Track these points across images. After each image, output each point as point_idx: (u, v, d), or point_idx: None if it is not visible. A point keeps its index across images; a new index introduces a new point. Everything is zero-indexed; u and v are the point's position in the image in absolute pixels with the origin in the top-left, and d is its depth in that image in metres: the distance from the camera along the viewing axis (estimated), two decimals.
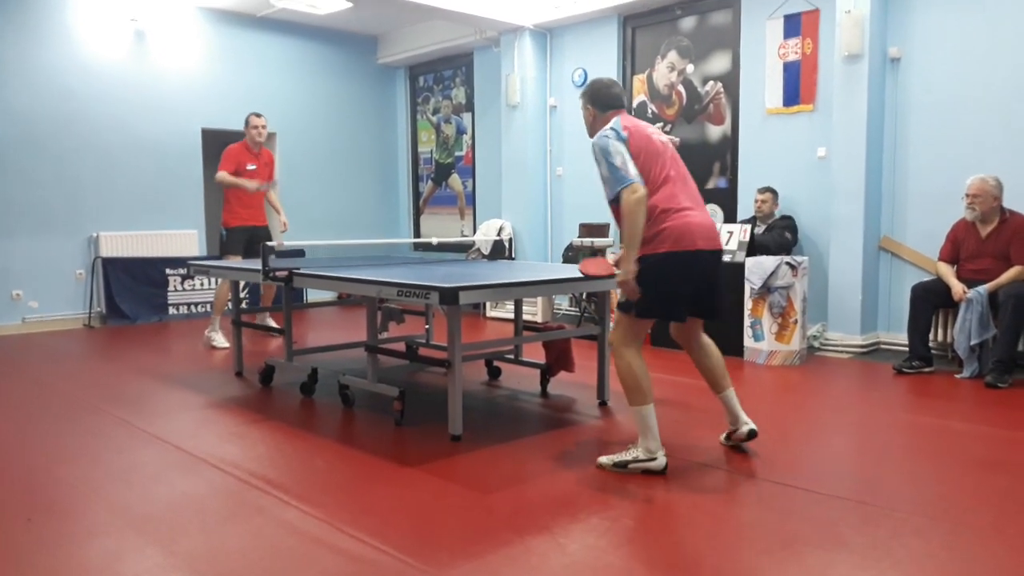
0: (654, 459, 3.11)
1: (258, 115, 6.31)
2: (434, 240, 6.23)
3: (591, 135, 3.28)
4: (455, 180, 9.45)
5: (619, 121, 3.17)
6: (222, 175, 6.13)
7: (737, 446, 3.47)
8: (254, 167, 6.27)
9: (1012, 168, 5.11)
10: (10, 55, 7.01)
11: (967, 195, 4.96)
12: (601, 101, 3.28)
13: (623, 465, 3.14)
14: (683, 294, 3.14)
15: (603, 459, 3.21)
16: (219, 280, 6.65)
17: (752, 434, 3.38)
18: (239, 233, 6.22)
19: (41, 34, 7.16)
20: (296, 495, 2.94)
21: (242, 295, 6.01)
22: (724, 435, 3.52)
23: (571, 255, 7.29)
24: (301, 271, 4.23)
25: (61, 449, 3.57)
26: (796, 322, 5.41)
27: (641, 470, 3.11)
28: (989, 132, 5.28)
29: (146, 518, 2.74)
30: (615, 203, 3.09)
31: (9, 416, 4.18)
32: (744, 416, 3.40)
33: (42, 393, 4.71)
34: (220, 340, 6.18)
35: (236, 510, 2.82)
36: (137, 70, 7.74)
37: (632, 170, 3.03)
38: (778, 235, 5.87)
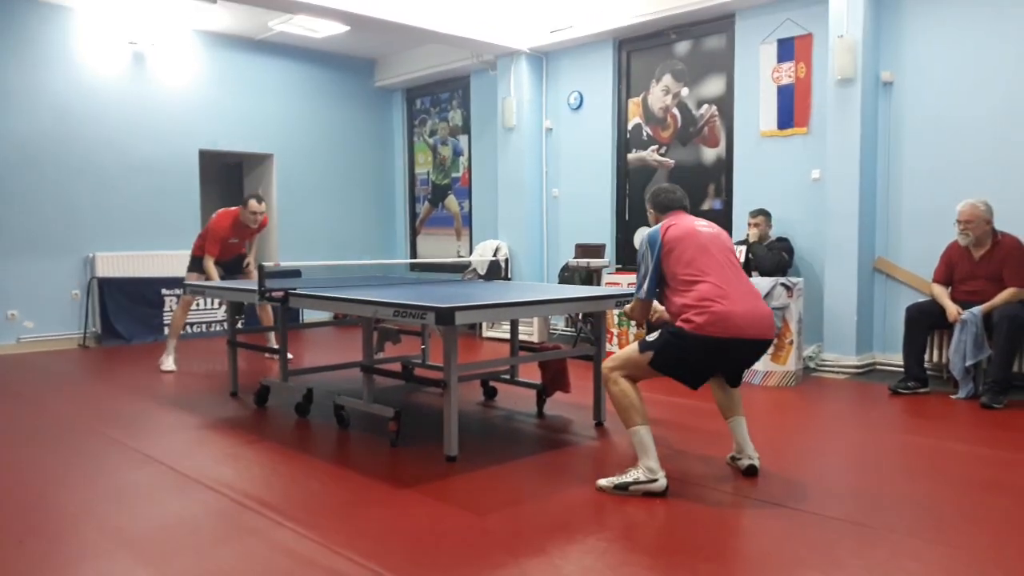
0: (655, 480, 3.09)
1: (259, 202, 6.13)
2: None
3: None
4: (451, 201, 9.48)
5: (661, 224, 3.31)
6: (208, 265, 6.05)
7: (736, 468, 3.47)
8: (236, 240, 6.22)
9: (1004, 190, 5.15)
10: (10, 77, 7.04)
11: (959, 221, 4.99)
12: (660, 205, 3.46)
13: (624, 487, 3.11)
14: (699, 370, 3.22)
15: (602, 481, 3.18)
16: (178, 304, 6.61)
17: (751, 470, 3.37)
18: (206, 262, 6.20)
19: (40, 56, 7.21)
20: (290, 516, 2.92)
21: (237, 316, 5.97)
22: (730, 456, 3.54)
23: (567, 275, 7.31)
24: (297, 291, 4.23)
25: (54, 470, 3.54)
26: (792, 343, 5.42)
27: (642, 492, 3.09)
28: (981, 154, 5.33)
29: (139, 539, 2.72)
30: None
31: (2, 436, 4.16)
32: (750, 449, 3.42)
33: (36, 413, 4.68)
34: (169, 364, 6.09)
35: (230, 531, 2.80)
36: (135, 92, 7.78)
37: (644, 287, 3.23)
38: (776, 255, 5.90)
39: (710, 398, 3.53)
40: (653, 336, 3.20)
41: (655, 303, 3.34)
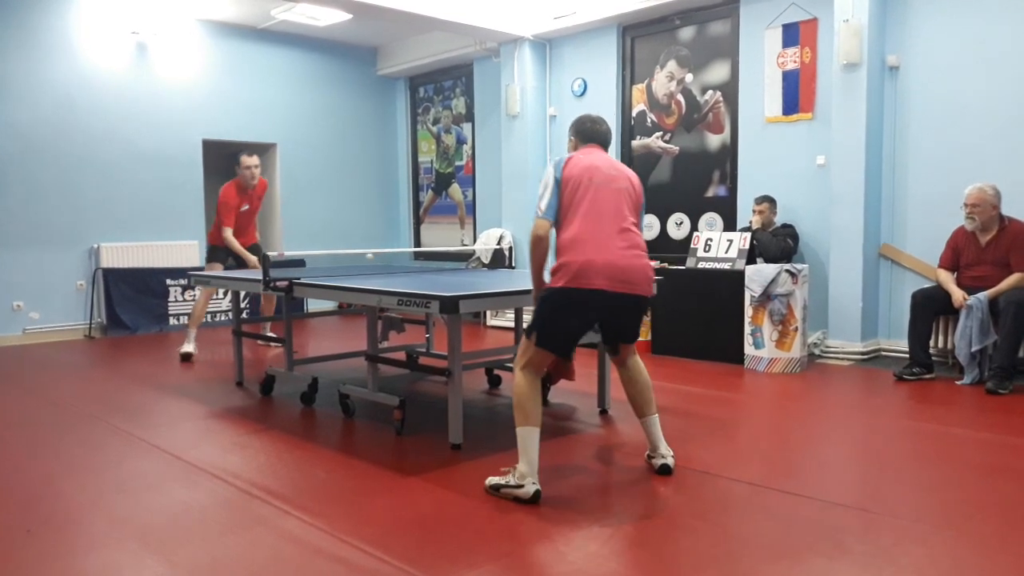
0: (522, 486, 2.91)
1: (250, 155, 6.23)
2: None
3: None
4: (455, 190, 9.47)
5: (569, 155, 3.21)
6: (230, 240, 6.17)
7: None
8: (247, 207, 6.31)
9: (1011, 175, 5.12)
10: (12, 68, 7.04)
11: (966, 205, 4.97)
12: (584, 134, 3.31)
13: (496, 489, 2.98)
14: (568, 330, 3.09)
15: (489, 479, 3.05)
16: (199, 292, 6.66)
17: (664, 469, 3.21)
18: (223, 252, 6.27)
19: (43, 47, 7.19)
20: (297, 505, 2.93)
21: (243, 305, 6.01)
22: (647, 454, 3.38)
23: None
24: (301, 281, 4.23)
25: (61, 460, 3.56)
26: (796, 329, 5.41)
27: (512, 497, 2.93)
28: (988, 139, 5.30)
29: (146, 529, 2.74)
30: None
31: (9, 427, 4.18)
32: (664, 447, 3.26)
33: (42, 404, 4.71)
34: (187, 348, 6.18)
35: (237, 520, 2.81)
36: (138, 82, 7.77)
37: (543, 203, 3.08)
38: (781, 241, 5.88)
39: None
40: (530, 319, 3.13)
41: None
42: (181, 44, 8.05)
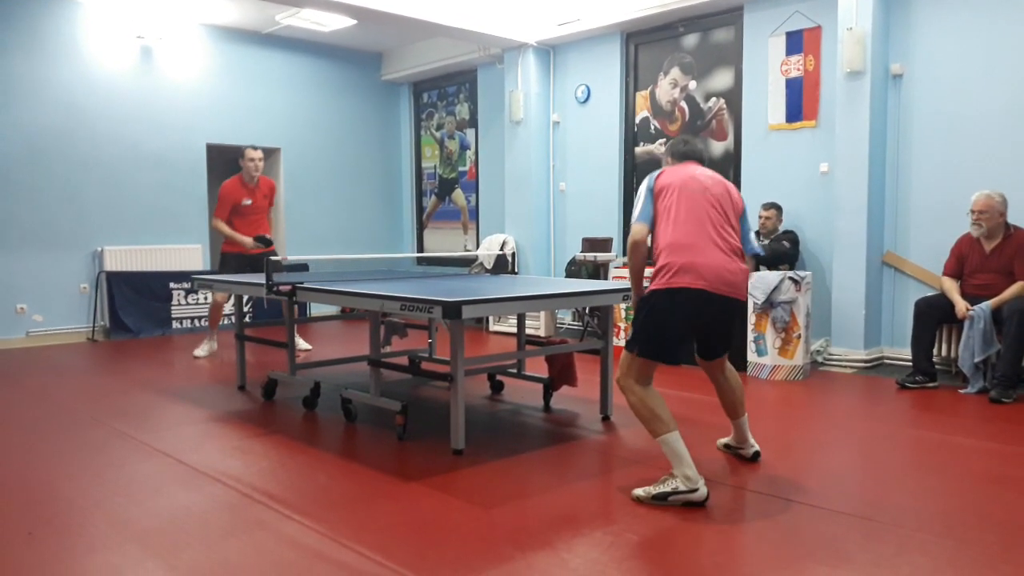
0: (695, 489, 2.90)
1: (254, 148, 6.27)
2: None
3: None
4: (459, 195, 9.48)
5: (663, 168, 3.31)
6: (218, 224, 6.19)
7: (740, 457, 3.53)
8: (250, 202, 6.27)
9: (1015, 183, 5.11)
10: (17, 71, 7.07)
11: (973, 211, 4.96)
12: (679, 155, 3.42)
13: (663, 498, 2.92)
14: (672, 333, 3.09)
15: (639, 491, 2.99)
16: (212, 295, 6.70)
17: (756, 456, 3.48)
18: (236, 259, 6.26)
19: (48, 51, 7.22)
20: (298, 509, 2.93)
21: (245, 309, 6.01)
22: (724, 442, 3.62)
23: (574, 269, 7.30)
24: (304, 285, 4.24)
25: (63, 463, 3.56)
26: (799, 337, 5.40)
27: (682, 502, 2.91)
28: (991, 147, 5.29)
29: (147, 532, 2.73)
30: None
31: (12, 429, 4.18)
32: (751, 439, 3.51)
33: (45, 407, 4.71)
34: (200, 351, 6.27)
35: (238, 524, 2.81)
36: (143, 86, 7.80)
37: (637, 211, 3.19)
38: (775, 243, 5.87)
39: (710, 389, 3.52)
40: (629, 332, 3.19)
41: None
42: (186, 49, 8.08)
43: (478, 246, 8.79)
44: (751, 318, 5.55)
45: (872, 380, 5.39)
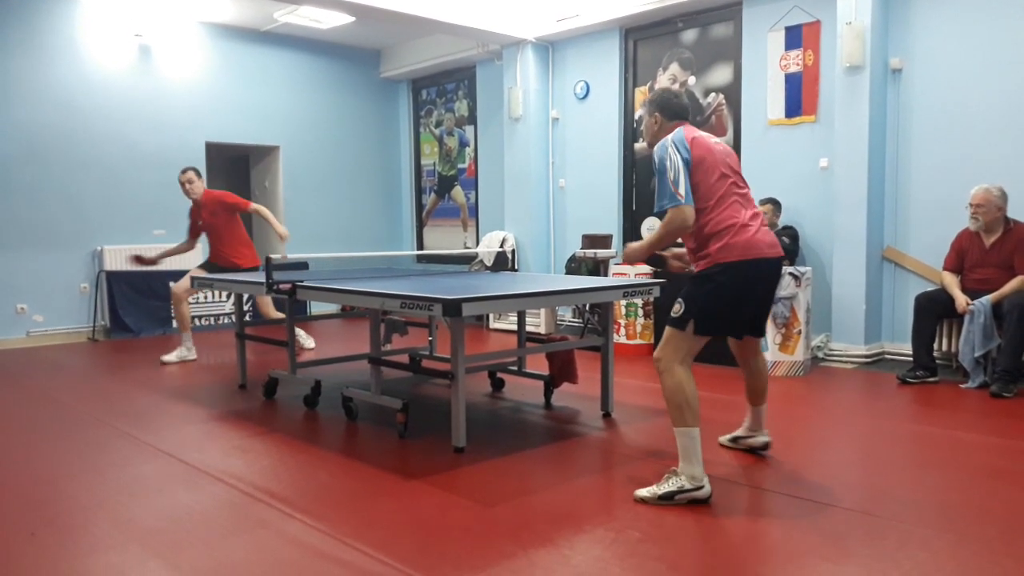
0: (701, 487, 2.89)
1: (183, 171, 6.16)
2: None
3: (651, 144, 3.21)
4: (458, 192, 9.47)
5: (682, 132, 3.08)
6: (180, 246, 6.36)
7: (748, 450, 3.56)
8: (203, 221, 6.20)
9: (1015, 178, 5.10)
10: (15, 70, 7.06)
11: (971, 205, 4.96)
12: (669, 110, 3.20)
13: (669, 497, 2.89)
14: (741, 308, 3.10)
15: (642, 492, 2.96)
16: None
17: (766, 445, 3.53)
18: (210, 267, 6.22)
19: (47, 50, 7.21)
20: (300, 508, 2.93)
21: (245, 307, 6.01)
22: (730, 437, 3.62)
23: (574, 266, 7.30)
24: (304, 283, 4.24)
25: (65, 463, 3.56)
26: (800, 333, 5.40)
27: (688, 500, 2.88)
28: (991, 142, 5.29)
29: (150, 532, 2.74)
30: (660, 215, 3.09)
31: (13, 429, 4.19)
32: (763, 429, 3.56)
33: (46, 407, 4.71)
34: (173, 356, 6.16)
35: (240, 523, 2.81)
36: (141, 85, 7.79)
37: (682, 190, 2.94)
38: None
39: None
40: (677, 310, 3.03)
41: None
42: (184, 47, 8.07)
43: (478, 243, 8.78)
44: None
45: (873, 375, 5.39)
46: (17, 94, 7.08)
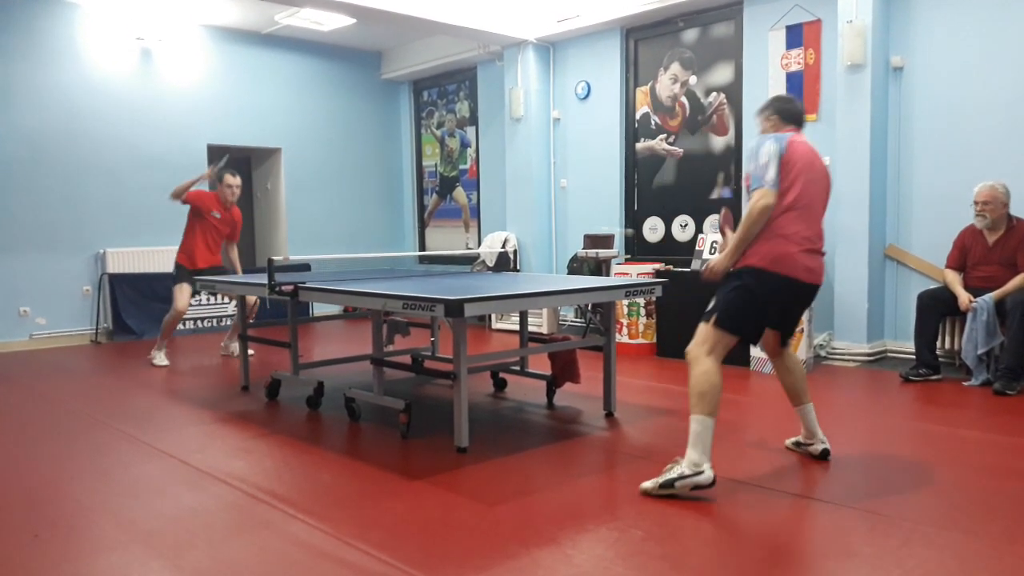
0: (701, 472, 2.91)
1: (234, 174, 6.24)
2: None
3: None
4: (460, 193, 9.48)
5: (790, 134, 3.18)
6: (177, 189, 6.17)
7: (809, 455, 3.46)
8: (219, 215, 6.23)
9: (1017, 175, 5.10)
10: (18, 74, 7.08)
11: (977, 202, 4.95)
12: (786, 112, 3.32)
13: (670, 484, 2.93)
14: (763, 314, 3.12)
15: (646, 484, 2.99)
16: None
17: (825, 454, 3.41)
18: (190, 272, 6.17)
19: (49, 53, 7.23)
20: (303, 509, 2.93)
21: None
22: (794, 441, 3.57)
23: (576, 266, 7.30)
24: (307, 285, 4.24)
25: (68, 464, 3.57)
26: (802, 331, 5.39)
27: (691, 486, 2.91)
28: (993, 139, 5.28)
29: (152, 533, 2.74)
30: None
31: (16, 432, 4.19)
32: (821, 433, 3.45)
33: (49, 409, 4.72)
34: (161, 359, 6.15)
35: (243, 524, 2.81)
36: (143, 88, 7.80)
37: (771, 175, 3.03)
38: None
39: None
40: (710, 303, 3.13)
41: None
42: (186, 50, 8.08)
43: (480, 244, 8.79)
44: None
45: (875, 373, 5.38)
46: (20, 98, 7.09)
